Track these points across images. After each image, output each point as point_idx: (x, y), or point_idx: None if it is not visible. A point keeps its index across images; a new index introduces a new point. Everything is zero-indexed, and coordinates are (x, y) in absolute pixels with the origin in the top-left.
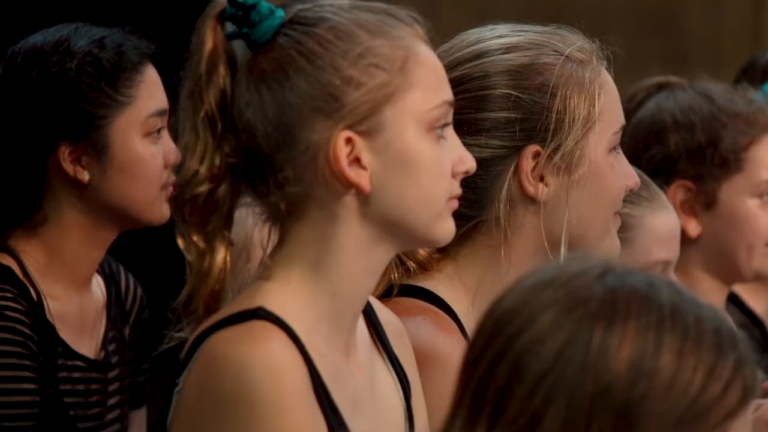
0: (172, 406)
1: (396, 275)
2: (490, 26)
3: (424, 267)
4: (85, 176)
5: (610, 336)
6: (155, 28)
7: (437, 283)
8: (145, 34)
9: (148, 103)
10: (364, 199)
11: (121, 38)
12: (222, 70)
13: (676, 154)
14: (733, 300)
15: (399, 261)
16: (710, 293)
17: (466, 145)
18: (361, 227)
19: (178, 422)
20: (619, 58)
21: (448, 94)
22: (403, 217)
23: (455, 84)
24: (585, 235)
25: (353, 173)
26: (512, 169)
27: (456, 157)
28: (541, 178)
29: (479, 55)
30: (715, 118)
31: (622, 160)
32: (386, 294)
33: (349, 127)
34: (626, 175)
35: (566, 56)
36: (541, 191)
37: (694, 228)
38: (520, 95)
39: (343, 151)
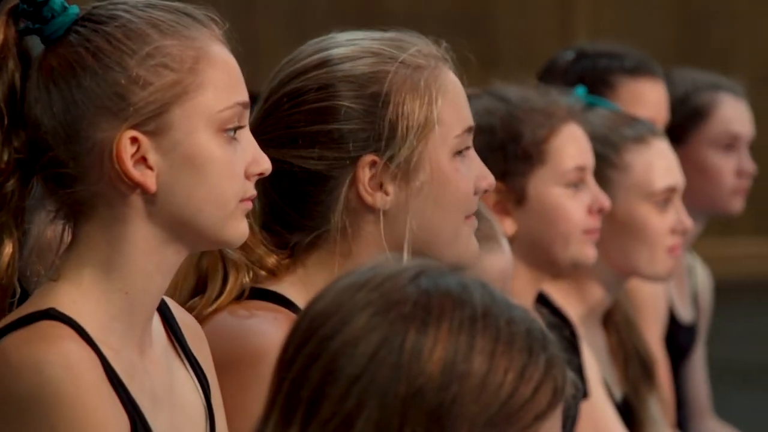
0: None
1: (248, 278)
2: (332, 34)
3: (274, 274)
4: None
5: (423, 338)
6: None
7: (288, 287)
8: None
9: None
10: (150, 199)
11: None
12: (11, 65)
13: (481, 158)
14: (544, 301)
15: (249, 268)
16: (524, 290)
17: (300, 158)
18: (150, 227)
19: None
20: None
21: (242, 96)
22: (192, 218)
23: (293, 96)
24: (433, 242)
25: (138, 173)
26: (349, 179)
27: (250, 158)
28: (381, 186)
29: (318, 66)
30: (512, 115)
31: (471, 163)
32: (238, 298)
33: (135, 127)
34: (478, 176)
35: (401, 62)
36: (380, 200)
37: (509, 226)
38: (353, 105)
39: (127, 150)
